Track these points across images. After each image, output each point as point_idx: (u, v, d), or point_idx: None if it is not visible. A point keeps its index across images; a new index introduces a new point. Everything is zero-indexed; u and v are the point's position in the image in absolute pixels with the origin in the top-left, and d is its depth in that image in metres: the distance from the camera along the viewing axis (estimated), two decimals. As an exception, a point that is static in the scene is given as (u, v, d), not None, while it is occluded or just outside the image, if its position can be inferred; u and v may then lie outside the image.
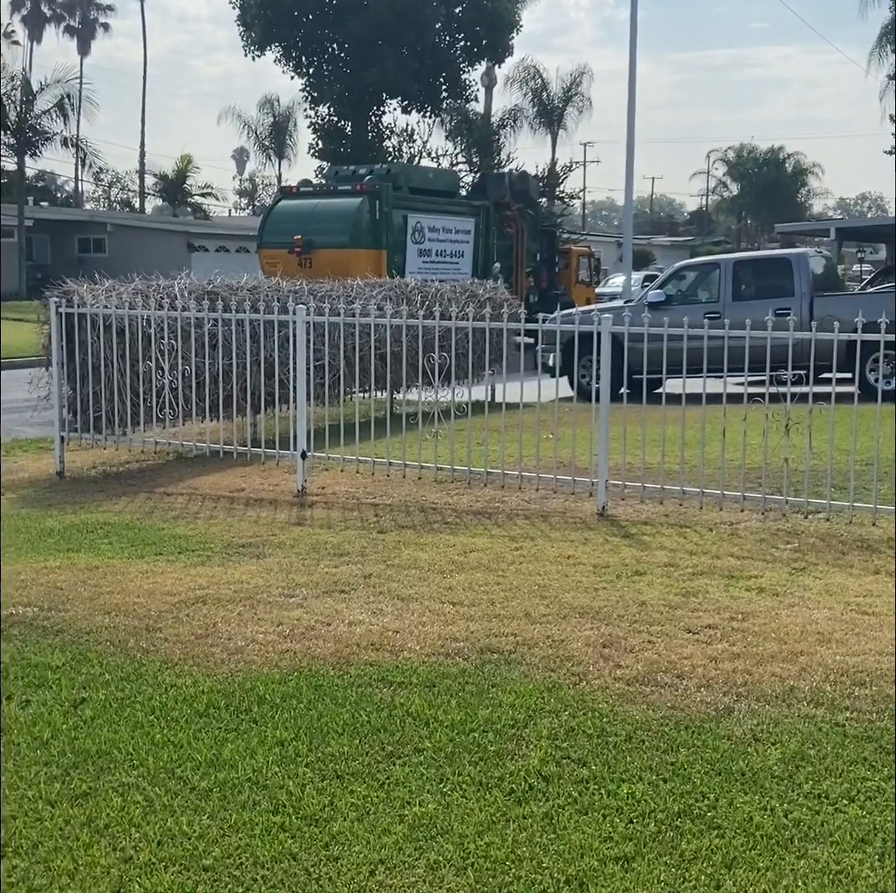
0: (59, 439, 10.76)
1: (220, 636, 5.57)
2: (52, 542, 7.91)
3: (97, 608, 6.12)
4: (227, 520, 8.62)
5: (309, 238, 21.12)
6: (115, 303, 10.55)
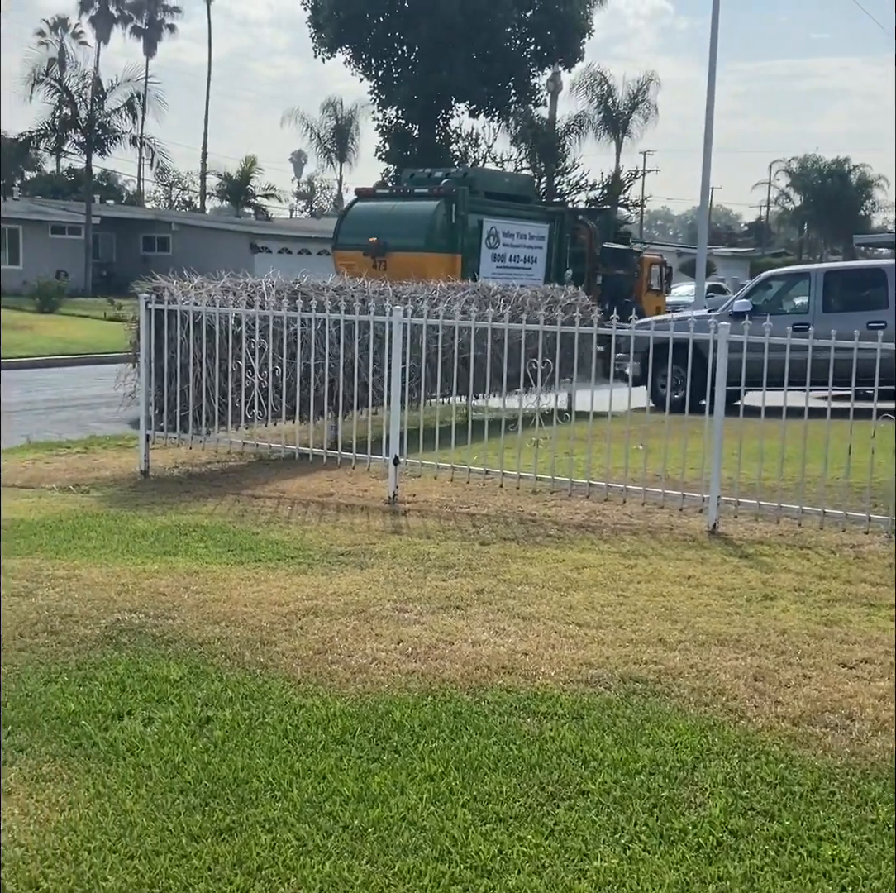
0: (145, 438, 10.56)
1: (339, 652, 5.28)
2: (147, 544, 7.68)
3: (205, 617, 5.86)
4: (321, 526, 8.35)
5: (384, 240, 20.98)
6: (206, 300, 10.33)
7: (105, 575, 6.78)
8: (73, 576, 6.76)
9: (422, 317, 9.41)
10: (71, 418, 16.38)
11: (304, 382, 10.41)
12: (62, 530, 8.12)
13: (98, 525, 8.29)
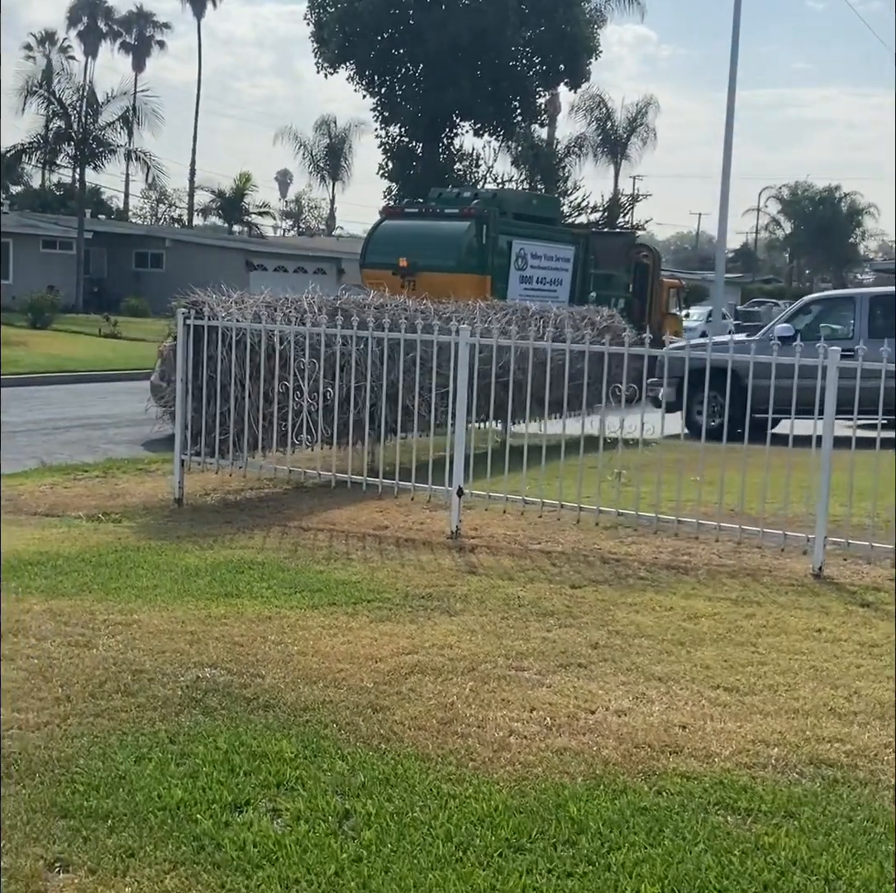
0: (179, 463, 9.84)
1: (467, 722, 4.57)
2: (204, 583, 6.96)
3: (298, 676, 5.15)
4: (387, 564, 7.65)
5: (413, 260, 20.63)
6: (251, 316, 9.63)
7: (168, 621, 6.07)
8: (133, 622, 6.04)
9: (490, 337, 8.74)
10: (80, 438, 15.63)
11: (345, 404, 9.71)
12: (105, 565, 7.40)
13: (144, 561, 7.57)
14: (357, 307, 11.10)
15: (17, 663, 5.30)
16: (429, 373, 10.47)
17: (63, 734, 4.38)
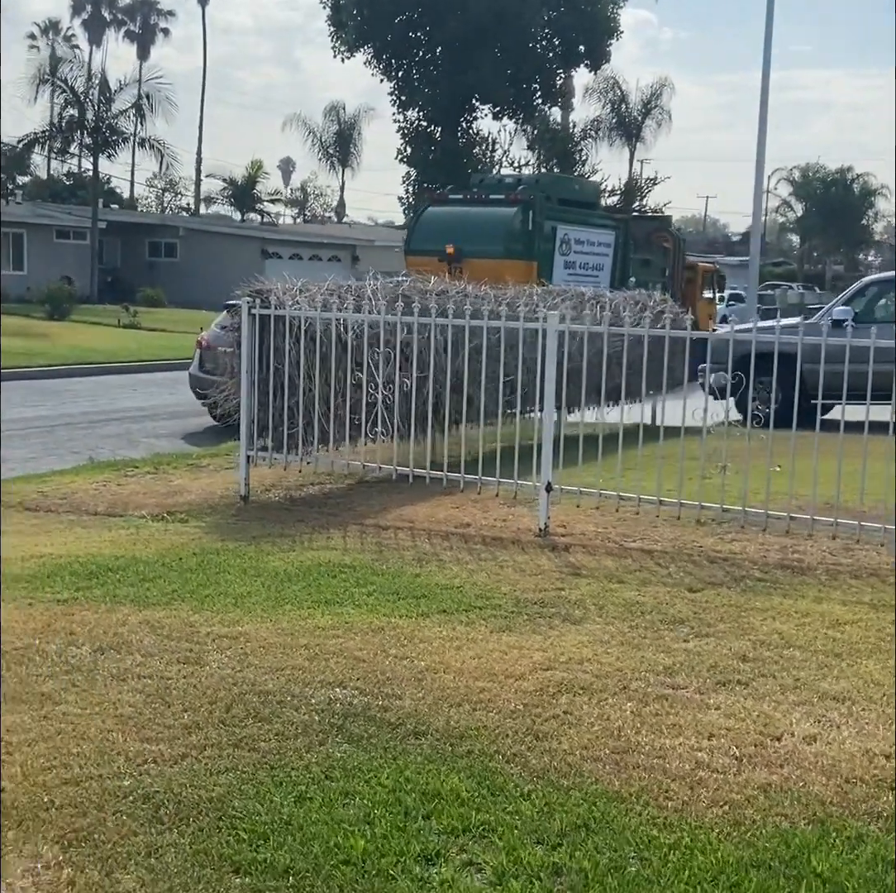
0: (245, 459, 9.41)
1: (644, 752, 4.15)
2: (299, 590, 6.54)
3: (437, 696, 4.72)
4: (483, 565, 7.23)
5: (460, 247, 20.32)
6: (320, 305, 9.19)
7: (276, 633, 5.65)
8: (239, 635, 5.62)
9: (581, 323, 8.30)
10: (119, 432, 15.22)
11: (417, 396, 9.28)
12: (190, 571, 6.98)
13: (228, 565, 7.15)
14: (420, 294, 10.66)
15: (129, 683, 4.89)
16: (495, 361, 10.03)
17: (206, 769, 3.96)
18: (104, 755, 4.11)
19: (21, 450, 13.45)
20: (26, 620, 5.89)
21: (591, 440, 8.59)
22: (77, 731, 4.33)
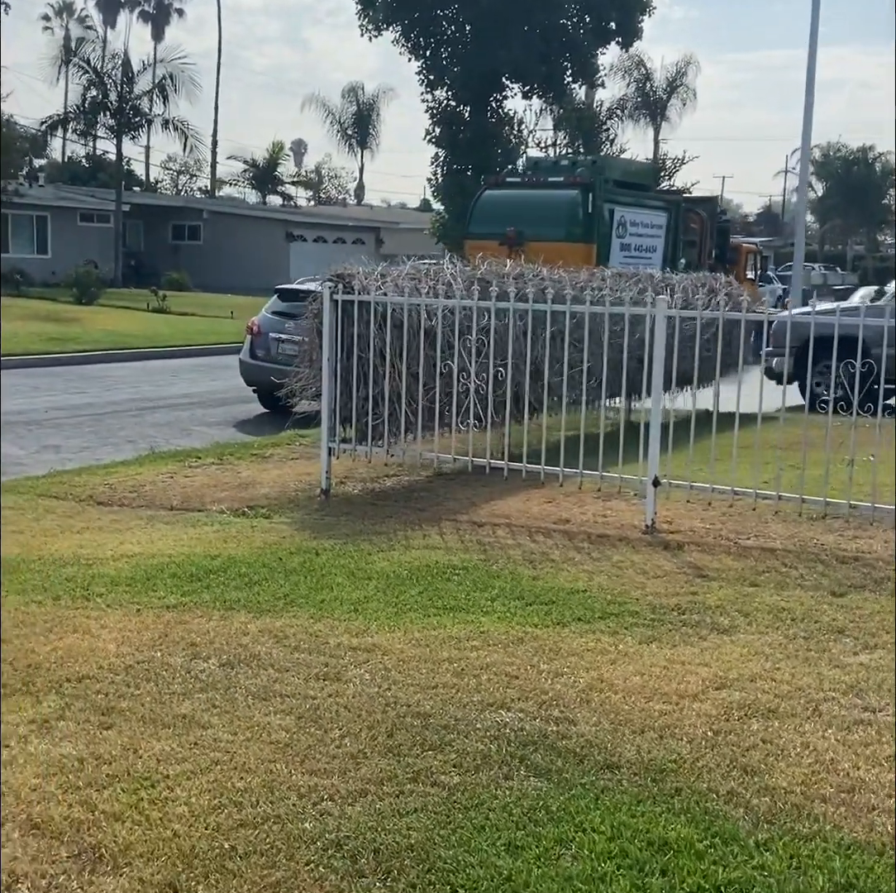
0: (327, 451, 9.02)
1: (873, 789, 3.76)
2: (417, 594, 6.16)
3: (613, 720, 4.34)
4: (601, 567, 6.85)
5: (520, 230, 20.08)
6: (408, 290, 8.79)
7: (410, 644, 5.27)
8: (373, 647, 5.25)
9: (693, 308, 7.89)
10: (169, 420, 14.85)
11: (514, 383, 8.89)
12: (294, 572, 6.61)
13: (332, 566, 6.77)
14: (497, 277, 10.25)
15: (273, 704, 4.51)
16: (576, 348, 9.62)
17: (392, 809, 3.59)
18: (273, 791, 3.74)
19: (75, 439, 13.11)
20: (140, 628, 5.53)
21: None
22: (235, 761, 3.96)
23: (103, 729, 4.28)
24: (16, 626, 5.56)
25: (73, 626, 5.57)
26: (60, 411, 15.21)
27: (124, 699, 4.59)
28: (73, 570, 6.68)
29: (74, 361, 21.58)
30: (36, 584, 6.35)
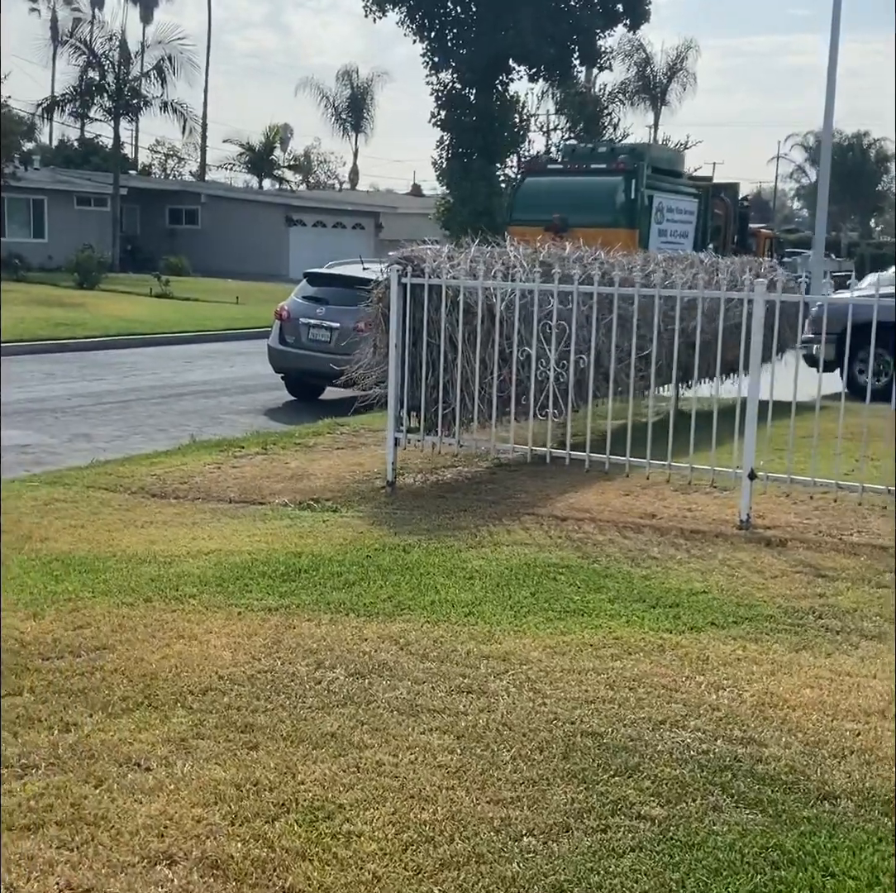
0: (393, 442, 8.64)
1: None
2: (527, 596, 5.81)
3: (801, 740, 4.01)
4: (710, 565, 6.51)
5: (565, 216, 20.06)
6: (482, 273, 8.40)
7: (545, 652, 4.92)
8: (507, 655, 4.89)
9: (792, 293, 7.52)
10: (197, 408, 14.43)
11: (581, 369, 8.53)
12: (389, 571, 6.25)
13: (426, 564, 6.41)
14: (559, 260, 9.88)
15: (424, 721, 4.14)
16: (627, 333, 9.27)
17: (603, 847, 3.23)
18: (463, 825, 3.37)
19: (104, 427, 12.70)
20: (248, 633, 5.15)
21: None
22: (409, 789, 3.60)
23: (249, 749, 3.91)
24: (115, 631, 5.18)
25: (177, 631, 5.20)
26: (84, 399, 14.78)
27: (259, 714, 4.22)
28: (153, 568, 6.30)
29: (85, 346, 21.12)
30: (120, 584, 5.97)
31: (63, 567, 6.32)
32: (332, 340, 14.21)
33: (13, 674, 4.63)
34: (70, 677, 4.61)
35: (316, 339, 14.38)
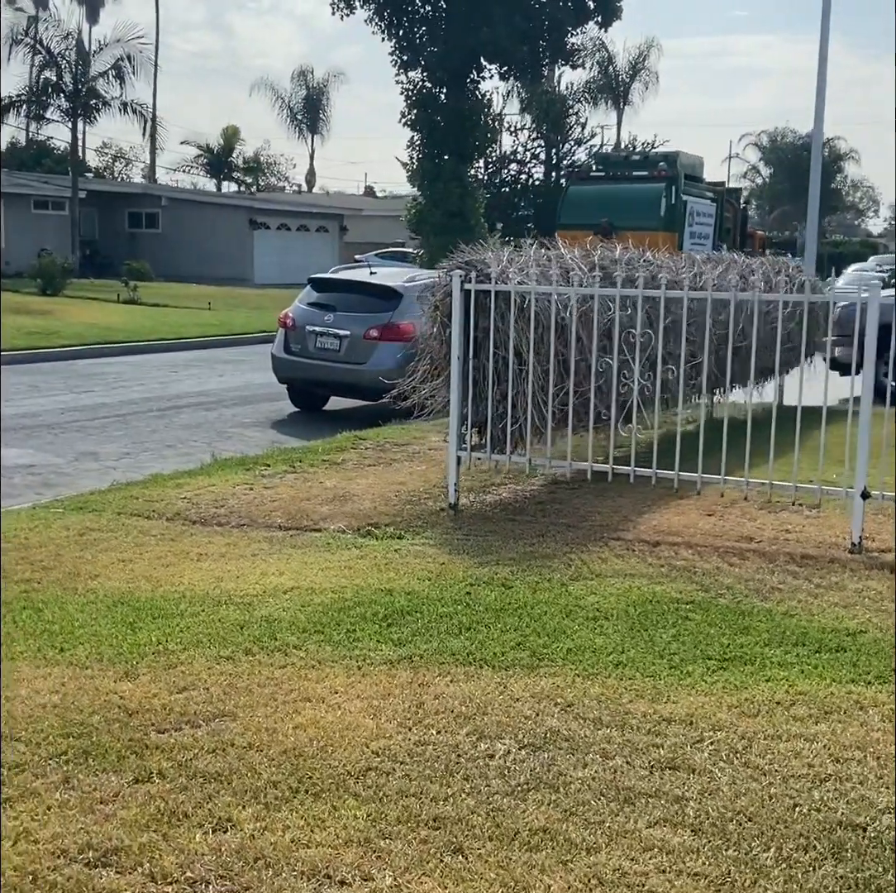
0: (456, 461, 7.99)
1: None
2: (671, 639, 5.22)
3: None
4: (847, 598, 5.95)
5: (611, 220, 21.21)
6: (556, 278, 7.78)
7: (733, 713, 4.30)
8: (690, 717, 4.28)
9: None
10: (199, 422, 13.67)
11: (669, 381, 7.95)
12: (500, 611, 5.64)
13: (536, 602, 5.80)
14: (611, 263, 9.29)
15: (639, 807, 3.51)
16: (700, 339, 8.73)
17: None
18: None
19: (110, 445, 11.92)
20: (380, 693, 4.49)
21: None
22: None
23: (453, 853, 3.25)
24: (226, 693, 4.49)
25: (298, 692, 4.52)
26: (78, 413, 13.97)
27: (443, 803, 3.57)
28: (234, 612, 5.62)
29: (62, 356, 20.24)
30: (206, 632, 5.29)
31: (132, 612, 5.63)
32: (341, 348, 13.53)
33: (132, 752, 3.94)
34: (200, 755, 3.92)
35: (324, 347, 13.69)
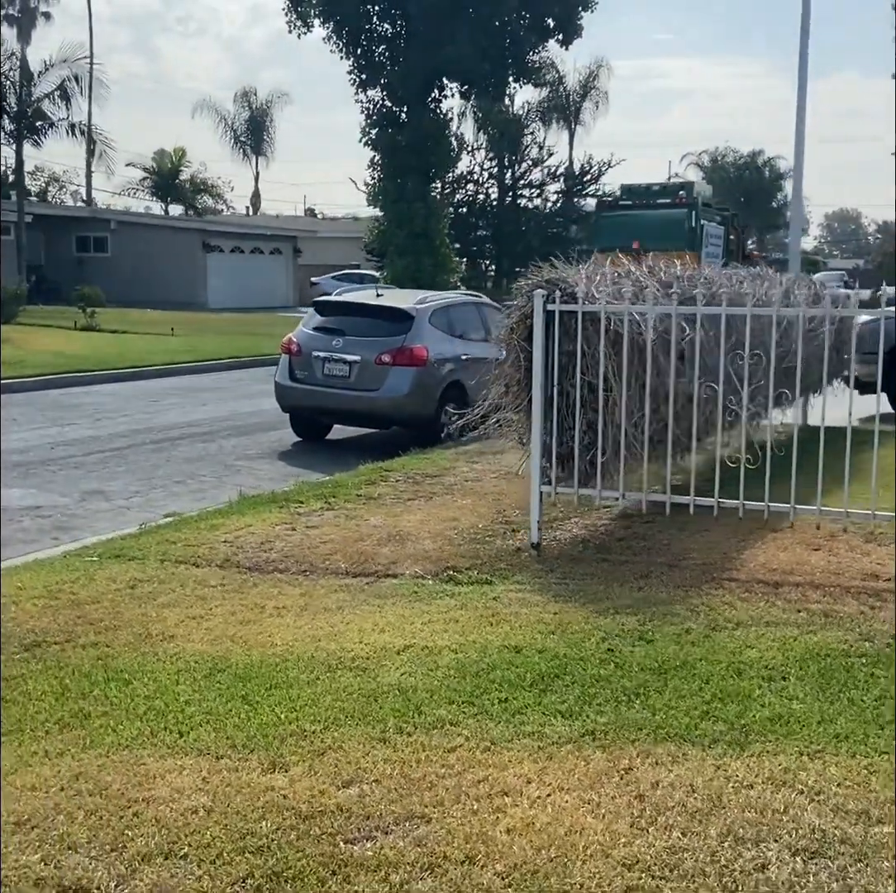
0: (538, 497, 7.35)
1: None
2: (874, 702, 4.59)
3: None
4: None
5: (643, 243, 22.69)
6: (647, 298, 7.19)
7: None
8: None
9: None
10: (200, 454, 12.90)
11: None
12: (658, 672, 5.02)
13: (691, 659, 5.16)
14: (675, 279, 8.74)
15: None
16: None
17: None
18: None
19: (114, 482, 11.12)
20: (586, 785, 3.84)
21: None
22: None
23: None
24: (402, 788, 3.83)
25: (488, 782, 3.87)
26: (69, 448, 13.12)
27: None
28: (354, 680, 4.97)
29: (33, 386, 19.26)
30: (338, 707, 4.65)
31: (237, 682, 4.95)
32: (351, 374, 12.87)
33: (331, 872, 3.24)
34: (416, 875, 3.27)
35: (332, 374, 13.01)
